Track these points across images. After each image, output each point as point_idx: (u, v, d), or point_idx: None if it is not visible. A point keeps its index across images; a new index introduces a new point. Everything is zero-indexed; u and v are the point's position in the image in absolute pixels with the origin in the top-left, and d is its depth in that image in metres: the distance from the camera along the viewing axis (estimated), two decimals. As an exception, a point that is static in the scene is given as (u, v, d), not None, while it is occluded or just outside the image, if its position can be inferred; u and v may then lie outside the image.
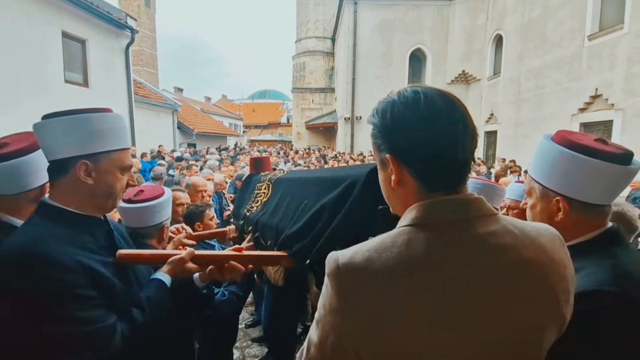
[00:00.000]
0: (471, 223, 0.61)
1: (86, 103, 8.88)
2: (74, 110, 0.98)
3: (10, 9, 6.96)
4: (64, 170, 0.97)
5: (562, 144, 0.88)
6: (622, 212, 1.35)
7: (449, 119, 0.62)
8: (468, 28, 14.94)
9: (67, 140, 0.96)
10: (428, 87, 0.65)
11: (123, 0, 43.99)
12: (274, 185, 1.66)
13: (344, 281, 0.59)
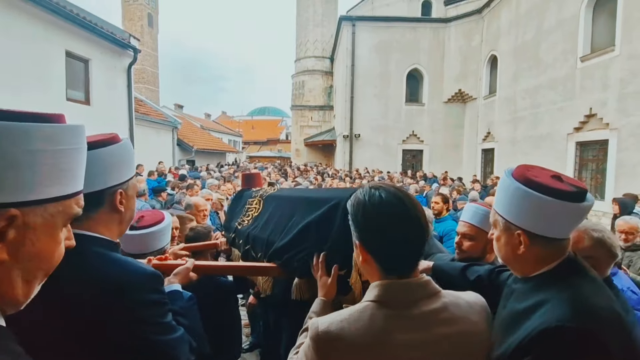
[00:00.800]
0: (418, 302, 0.81)
1: (87, 121, 8.88)
2: (104, 141, 0.92)
3: (16, 28, 7.12)
4: (101, 200, 0.92)
5: (520, 180, 0.92)
6: (602, 238, 1.31)
7: (402, 219, 0.80)
8: (463, 49, 15.31)
9: (110, 170, 0.93)
10: (389, 189, 0.84)
11: (127, 21, 45.18)
12: (265, 201, 1.75)
13: (322, 346, 0.78)
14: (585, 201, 0.88)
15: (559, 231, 0.90)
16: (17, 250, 0.50)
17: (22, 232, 0.50)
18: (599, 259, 1.29)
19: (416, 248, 0.82)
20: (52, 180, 0.53)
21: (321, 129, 22.43)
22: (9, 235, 0.49)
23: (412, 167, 16.33)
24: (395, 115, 16.30)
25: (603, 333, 0.77)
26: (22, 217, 0.50)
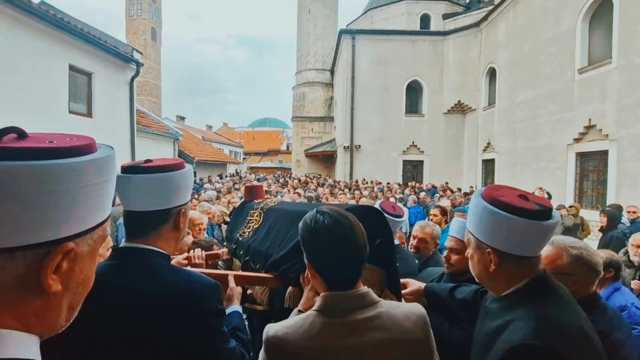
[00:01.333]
0: (354, 311, 0.90)
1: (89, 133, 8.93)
2: (175, 166, 1.02)
3: (21, 42, 7.23)
4: (167, 218, 1.00)
5: (487, 200, 0.95)
6: (580, 255, 1.27)
7: (340, 242, 0.90)
8: (462, 61, 15.49)
9: (178, 191, 1.02)
10: (333, 214, 0.94)
11: (131, 35, 45.98)
12: (266, 213, 1.83)
13: (270, 349, 0.90)
14: (550, 219, 0.91)
15: (527, 249, 0.94)
16: (68, 280, 0.52)
17: (73, 262, 0.52)
18: (579, 276, 1.26)
19: (353, 267, 0.93)
20: (99, 208, 0.55)
21: (322, 140, 22.53)
22: (63, 267, 0.50)
23: (413, 178, 16.34)
24: (395, 127, 16.39)
25: (567, 349, 0.80)
26: (75, 248, 0.51)
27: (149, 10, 47.04)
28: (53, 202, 0.47)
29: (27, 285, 0.47)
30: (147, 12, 46.76)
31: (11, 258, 0.45)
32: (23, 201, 0.44)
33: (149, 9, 46.88)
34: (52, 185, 0.47)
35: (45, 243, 0.47)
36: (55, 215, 0.48)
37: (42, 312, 0.50)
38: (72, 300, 0.54)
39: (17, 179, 0.44)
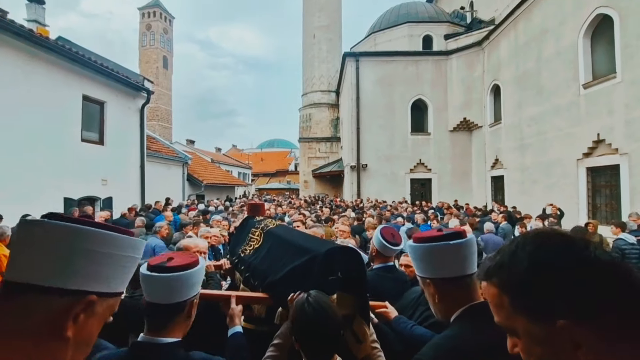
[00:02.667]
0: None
1: (100, 161, 9.31)
2: (193, 264, 1.20)
3: (37, 73, 7.60)
4: (182, 308, 1.16)
5: (413, 240, 1.16)
6: None
7: (316, 329, 1.13)
8: (466, 79, 15.62)
9: (192, 285, 1.19)
10: (315, 304, 1.17)
11: (143, 63, 47.89)
12: (265, 235, 2.02)
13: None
14: (459, 239, 1.08)
15: (451, 269, 1.07)
16: (79, 332, 0.59)
17: (87, 317, 0.60)
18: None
19: (327, 347, 1.16)
20: (122, 279, 0.66)
21: (329, 160, 22.64)
22: (80, 318, 0.59)
23: (422, 196, 16.18)
24: (402, 145, 16.42)
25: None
26: (96, 303, 0.60)
27: (161, 40, 49.10)
28: (111, 262, 0.62)
29: (50, 326, 0.55)
30: (159, 42, 48.79)
31: (51, 297, 0.56)
32: (84, 256, 0.59)
33: (160, 39, 48.95)
34: (108, 248, 0.62)
35: (86, 292, 0.59)
36: (103, 271, 0.61)
37: (53, 356, 0.56)
38: (75, 354, 0.59)
39: (87, 238, 0.60)
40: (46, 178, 7.57)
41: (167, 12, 50.32)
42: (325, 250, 1.51)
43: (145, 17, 49.19)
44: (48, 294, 0.56)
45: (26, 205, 6.11)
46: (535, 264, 0.53)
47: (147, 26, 48.76)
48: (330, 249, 1.53)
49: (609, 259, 0.52)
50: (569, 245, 0.53)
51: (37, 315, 0.55)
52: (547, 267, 0.52)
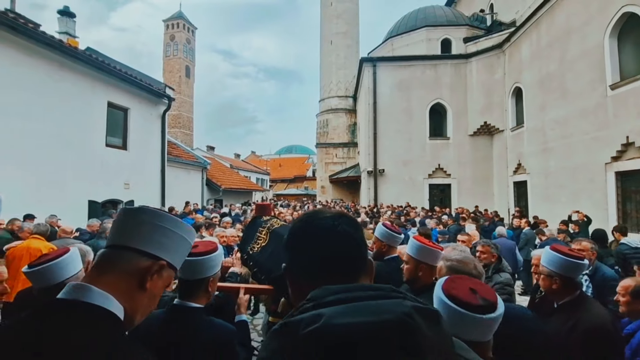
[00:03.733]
0: None
1: (124, 165, 9.66)
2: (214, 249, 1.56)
3: (66, 81, 8.01)
4: (206, 284, 1.52)
5: (444, 291, 1.06)
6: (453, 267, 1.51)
7: None
8: (486, 83, 15.29)
9: (213, 266, 1.55)
10: None
11: (167, 73, 49.60)
12: (271, 234, 2.25)
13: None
14: (488, 314, 1.00)
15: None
16: (152, 287, 0.81)
17: (158, 277, 0.82)
18: None
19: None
20: (179, 257, 0.89)
21: (346, 165, 22.60)
22: (154, 277, 0.81)
23: (441, 202, 15.85)
24: (420, 150, 16.19)
25: None
26: (165, 268, 0.84)
27: (184, 50, 50.78)
28: (176, 240, 0.86)
29: (137, 278, 0.78)
30: (182, 52, 50.46)
31: (141, 257, 0.80)
32: (169, 236, 0.85)
33: (183, 49, 50.63)
34: (177, 230, 0.87)
35: (159, 258, 0.82)
36: (171, 246, 0.85)
37: (133, 300, 0.77)
38: (146, 305, 0.81)
39: (165, 220, 0.86)
40: (72, 181, 7.93)
41: (190, 23, 52.11)
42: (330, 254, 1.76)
43: (170, 28, 51.11)
44: (137, 254, 0.80)
45: (53, 207, 6.41)
46: None
47: (171, 37, 50.62)
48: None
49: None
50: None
51: (132, 267, 0.79)
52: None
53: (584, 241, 3.17)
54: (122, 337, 0.71)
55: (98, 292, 0.72)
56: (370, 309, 0.57)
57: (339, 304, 0.58)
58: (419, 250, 1.92)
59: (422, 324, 0.55)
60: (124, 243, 0.81)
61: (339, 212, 0.83)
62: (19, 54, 7.00)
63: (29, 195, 6.66)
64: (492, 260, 2.94)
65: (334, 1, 23.44)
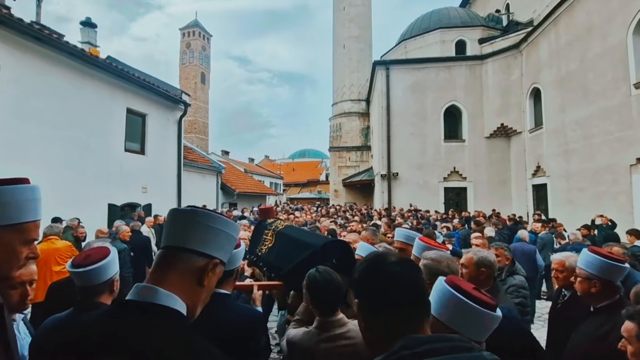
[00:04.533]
0: (334, 328, 1.58)
1: (142, 169, 9.88)
2: (238, 244, 1.69)
3: (87, 88, 8.28)
4: (233, 274, 1.72)
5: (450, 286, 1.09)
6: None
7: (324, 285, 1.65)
8: (502, 84, 14.99)
9: (239, 258, 1.78)
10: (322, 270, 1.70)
11: (183, 79, 50.71)
12: (277, 235, 2.44)
13: (287, 347, 1.67)
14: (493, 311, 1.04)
15: (470, 332, 1.01)
16: (208, 283, 0.88)
17: (213, 274, 0.89)
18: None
19: (332, 302, 1.60)
20: (228, 254, 0.95)
21: (359, 169, 22.49)
22: (209, 274, 0.88)
23: (457, 205, 15.56)
24: (434, 153, 15.96)
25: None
26: (218, 265, 0.91)
27: (199, 57, 51.87)
28: (225, 238, 0.91)
29: (196, 276, 0.85)
30: (198, 59, 51.56)
31: (198, 257, 0.86)
32: (220, 236, 0.90)
33: (199, 56, 51.73)
34: (227, 229, 0.92)
35: (214, 257, 0.89)
36: (222, 244, 0.91)
37: (194, 296, 0.84)
38: (204, 299, 0.89)
39: (217, 221, 0.91)
40: (92, 185, 8.16)
41: (205, 30, 53.23)
42: (322, 244, 2.06)
43: (186, 36, 52.34)
44: (194, 254, 0.86)
45: (74, 210, 6.60)
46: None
47: (187, 44, 51.81)
48: (325, 243, 2.10)
49: None
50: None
51: (191, 267, 0.85)
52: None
53: (615, 246, 3.06)
54: (189, 333, 0.77)
55: (164, 293, 0.80)
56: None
57: (431, 356, 0.69)
58: (424, 250, 1.94)
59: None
60: (181, 244, 0.87)
61: (402, 257, 0.99)
62: (44, 63, 7.29)
63: (52, 198, 6.87)
64: (506, 263, 2.89)
65: (346, 5, 23.51)
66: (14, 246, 0.97)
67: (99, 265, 1.60)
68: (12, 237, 0.96)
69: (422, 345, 0.72)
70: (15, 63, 6.65)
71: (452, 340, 0.75)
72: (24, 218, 0.99)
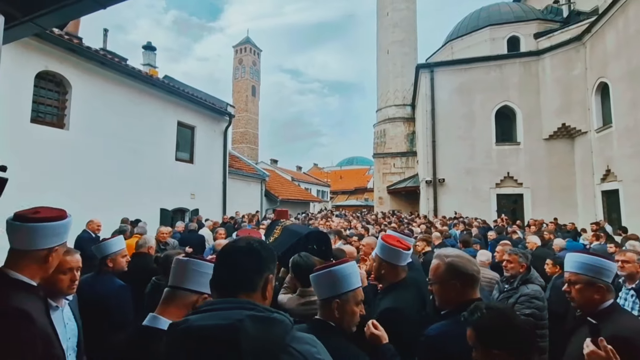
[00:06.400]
0: (310, 296, 2.19)
1: (191, 177, 10.66)
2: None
3: (144, 105, 9.20)
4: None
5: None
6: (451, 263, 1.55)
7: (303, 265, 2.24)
8: (563, 80, 13.66)
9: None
10: (303, 255, 2.30)
11: (236, 93, 53.84)
12: (283, 229, 3.00)
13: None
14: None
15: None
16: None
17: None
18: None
19: (308, 277, 1.68)
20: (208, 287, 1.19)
21: (404, 175, 21.86)
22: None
23: (513, 214, 14.36)
24: (485, 157, 14.96)
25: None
26: (205, 299, 1.29)
27: (250, 71, 54.78)
28: (206, 278, 1.19)
29: (190, 308, 1.20)
30: (249, 74, 54.48)
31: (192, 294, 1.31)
32: (205, 275, 1.26)
33: (250, 70, 54.66)
34: (209, 271, 1.14)
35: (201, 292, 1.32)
36: (207, 282, 1.11)
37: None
38: None
39: (204, 267, 1.33)
40: (146, 191, 8.98)
41: (255, 46, 56.18)
42: (306, 233, 2.68)
43: (238, 53, 55.69)
44: (189, 292, 1.29)
45: (130, 214, 7.31)
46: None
47: (239, 60, 55.05)
48: (309, 232, 2.71)
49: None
50: None
51: (187, 301, 1.28)
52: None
53: (629, 252, 2.64)
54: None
55: (164, 321, 1.22)
56: (219, 316, 0.85)
57: (205, 312, 0.88)
58: (382, 250, 2.03)
59: (249, 327, 0.80)
60: (180, 285, 1.30)
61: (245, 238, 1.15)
62: (108, 84, 8.26)
63: (113, 202, 7.72)
64: (520, 271, 2.62)
65: (390, 11, 23.30)
66: (61, 256, 1.52)
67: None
68: (61, 250, 1.49)
69: (206, 306, 0.92)
70: (84, 85, 7.64)
71: (231, 302, 0.91)
72: (65, 238, 1.49)
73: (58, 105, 7.26)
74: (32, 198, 6.18)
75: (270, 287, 1.06)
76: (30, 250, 1.37)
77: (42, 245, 1.39)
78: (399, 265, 1.95)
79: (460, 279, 1.46)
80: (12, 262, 1.36)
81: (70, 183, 7.10)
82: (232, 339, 0.77)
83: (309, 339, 0.96)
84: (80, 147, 7.45)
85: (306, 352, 0.89)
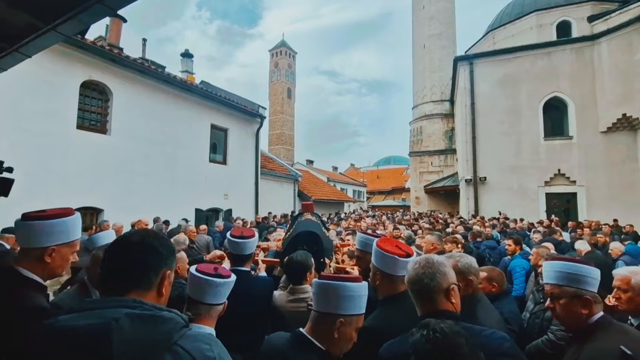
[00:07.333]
0: (297, 293, 2.33)
1: (224, 178, 10.99)
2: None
3: (180, 110, 9.62)
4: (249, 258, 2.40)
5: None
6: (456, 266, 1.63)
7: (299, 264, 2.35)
8: (622, 66, 12.26)
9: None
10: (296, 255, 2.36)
11: (272, 96, 55.05)
12: (297, 224, 3.13)
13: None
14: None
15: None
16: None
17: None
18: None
19: (302, 273, 2.22)
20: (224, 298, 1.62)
21: (442, 174, 20.89)
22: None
23: (566, 214, 13.14)
24: (532, 153, 13.84)
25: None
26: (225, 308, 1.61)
27: (286, 74, 55.76)
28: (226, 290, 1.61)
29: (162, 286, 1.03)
30: (284, 76, 55.48)
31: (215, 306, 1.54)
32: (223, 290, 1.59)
33: (285, 73, 55.64)
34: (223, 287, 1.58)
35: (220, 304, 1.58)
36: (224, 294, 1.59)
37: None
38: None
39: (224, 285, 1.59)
40: (181, 192, 9.36)
41: (290, 48, 57.02)
42: (296, 233, 2.84)
43: (274, 56, 56.87)
44: (204, 304, 1.48)
45: (166, 214, 7.65)
46: None
47: (275, 64, 56.18)
48: (298, 233, 2.83)
49: None
50: None
51: (213, 313, 1.52)
52: None
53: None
54: None
55: (196, 326, 1.41)
56: (95, 315, 0.80)
57: (81, 312, 0.83)
58: (376, 256, 1.75)
59: (126, 325, 0.76)
60: (201, 300, 1.49)
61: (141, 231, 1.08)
62: (146, 90, 8.73)
63: (150, 203, 8.13)
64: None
65: (426, 3, 22.43)
66: (67, 255, 1.48)
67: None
68: (67, 250, 1.47)
69: (85, 305, 0.88)
70: (124, 92, 8.13)
71: (112, 301, 0.86)
72: (74, 237, 1.49)
73: (101, 112, 7.79)
74: (79, 199, 6.73)
75: (167, 284, 1.00)
76: (28, 248, 1.43)
77: (38, 244, 1.42)
78: (395, 275, 1.64)
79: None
80: (18, 260, 1.44)
81: (111, 185, 7.59)
82: (103, 339, 0.74)
83: (204, 337, 0.91)
84: (120, 151, 7.93)
85: (195, 350, 0.84)
